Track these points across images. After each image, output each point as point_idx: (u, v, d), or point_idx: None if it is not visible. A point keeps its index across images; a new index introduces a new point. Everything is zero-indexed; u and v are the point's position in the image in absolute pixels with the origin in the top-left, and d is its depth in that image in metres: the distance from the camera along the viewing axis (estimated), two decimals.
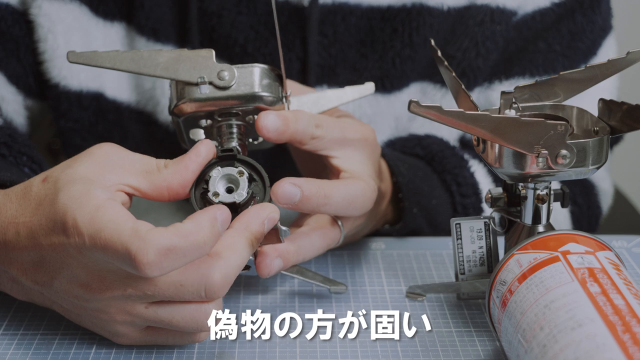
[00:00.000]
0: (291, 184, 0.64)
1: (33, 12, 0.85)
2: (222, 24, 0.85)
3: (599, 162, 0.61)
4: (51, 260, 0.60)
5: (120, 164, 0.61)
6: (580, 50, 0.90)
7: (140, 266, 0.55)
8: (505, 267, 0.60)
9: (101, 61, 0.67)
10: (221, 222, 0.58)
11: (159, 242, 0.55)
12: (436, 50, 0.68)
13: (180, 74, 0.66)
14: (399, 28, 0.86)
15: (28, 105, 0.89)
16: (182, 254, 0.56)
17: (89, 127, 0.89)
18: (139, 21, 0.86)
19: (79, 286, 0.60)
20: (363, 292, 0.72)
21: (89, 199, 0.57)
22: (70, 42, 0.86)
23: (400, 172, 0.80)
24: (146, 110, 0.89)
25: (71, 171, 0.60)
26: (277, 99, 0.67)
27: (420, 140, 0.88)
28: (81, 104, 0.88)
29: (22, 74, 0.87)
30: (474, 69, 0.88)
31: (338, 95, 0.71)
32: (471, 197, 0.84)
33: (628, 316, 0.52)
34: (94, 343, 0.64)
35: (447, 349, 0.64)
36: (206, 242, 0.56)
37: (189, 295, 0.58)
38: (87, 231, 0.56)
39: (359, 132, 0.71)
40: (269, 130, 0.65)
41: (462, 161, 0.86)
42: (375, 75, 0.88)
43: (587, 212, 0.93)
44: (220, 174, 0.63)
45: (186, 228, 0.56)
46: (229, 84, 0.66)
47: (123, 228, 0.56)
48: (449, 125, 0.59)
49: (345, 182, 0.68)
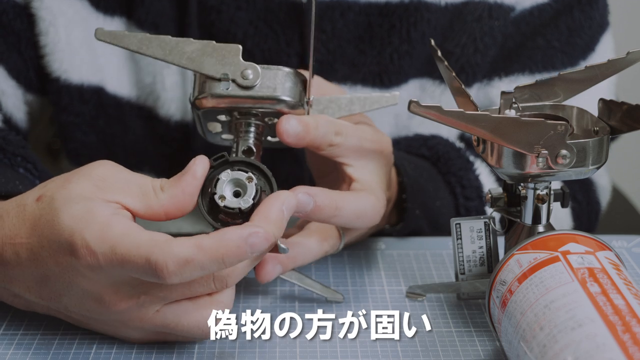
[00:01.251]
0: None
1: (35, 5, 0.85)
2: (221, 19, 0.85)
3: (599, 162, 0.61)
4: (58, 279, 0.60)
5: (116, 186, 0.60)
6: (578, 46, 0.90)
7: (162, 275, 0.55)
8: (505, 267, 0.60)
9: (128, 42, 0.66)
10: (251, 245, 0.56)
11: (178, 253, 0.55)
12: (436, 50, 0.68)
13: (204, 67, 0.65)
14: (397, 24, 0.86)
15: (28, 100, 0.89)
16: (200, 266, 0.56)
17: (89, 121, 0.89)
18: (139, 16, 0.86)
19: (91, 301, 0.60)
20: (363, 292, 0.72)
21: (94, 216, 0.57)
22: (71, 36, 0.86)
23: (407, 172, 0.80)
24: (146, 105, 0.89)
25: (66, 192, 0.59)
26: (299, 103, 0.67)
27: (426, 141, 0.88)
28: (82, 98, 0.88)
29: (23, 67, 0.87)
30: (473, 65, 0.88)
31: (363, 102, 0.71)
32: (475, 200, 0.84)
33: (628, 316, 0.52)
34: (94, 343, 0.64)
35: (447, 349, 0.64)
36: (225, 259, 0.56)
37: (201, 288, 0.59)
38: (100, 249, 0.56)
39: (377, 143, 0.70)
40: (289, 135, 0.65)
41: (467, 163, 0.86)
42: (373, 71, 0.88)
43: (587, 208, 0.93)
44: (229, 177, 0.62)
45: (207, 243, 0.56)
46: (252, 84, 0.65)
47: (140, 240, 0.56)
48: (449, 125, 0.59)
49: (358, 195, 0.68)
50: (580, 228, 0.92)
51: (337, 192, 0.67)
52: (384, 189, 0.71)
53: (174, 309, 0.60)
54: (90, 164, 0.62)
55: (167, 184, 0.61)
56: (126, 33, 0.66)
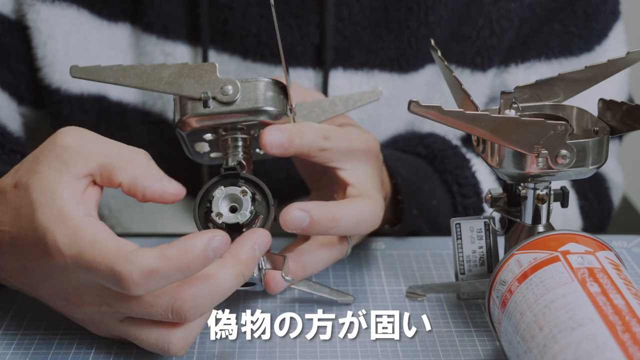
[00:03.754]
0: (300, 210, 0.64)
1: (31, 18, 0.85)
2: (234, 16, 0.85)
3: (599, 162, 0.61)
4: (35, 271, 0.60)
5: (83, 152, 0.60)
6: (595, 30, 0.90)
7: (126, 285, 0.55)
8: (505, 267, 0.60)
9: (104, 76, 0.66)
10: (213, 249, 0.56)
11: (143, 264, 0.55)
12: (436, 50, 0.68)
13: (184, 88, 0.65)
14: (414, 7, 0.86)
15: (22, 112, 0.89)
16: (165, 276, 0.56)
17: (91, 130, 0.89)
18: (148, 19, 0.86)
19: (59, 298, 0.61)
20: (363, 292, 0.72)
21: (67, 218, 0.57)
22: (69, 47, 0.86)
23: (400, 173, 0.80)
24: (154, 110, 0.89)
25: (39, 176, 0.59)
26: (282, 112, 0.67)
27: (422, 139, 0.88)
28: (83, 107, 0.88)
29: (13, 82, 0.87)
30: (489, 48, 0.88)
31: (346, 102, 0.71)
32: (472, 197, 0.84)
33: (628, 316, 0.52)
34: (94, 343, 0.64)
35: (447, 349, 0.64)
36: (191, 267, 0.56)
37: (159, 316, 0.58)
38: (68, 252, 0.57)
39: (365, 143, 0.70)
40: (273, 147, 0.65)
41: (463, 161, 0.86)
42: (391, 56, 0.87)
43: (598, 207, 0.92)
44: (223, 193, 0.63)
45: (170, 252, 0.56)
46: (233, 99, 0.65)
47: (106, 248, 0.56)
48: (449, 125, 0.59)
49: (354, 203, 0.68)
50: (590, 227, 0.92)
51: (333, 203, 0.66)
52: (378, 189, 0.71)
53: (135, 322, 0.60)
54: (56, 133, 0.61)
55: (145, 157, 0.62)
56: (101, 67, 0.66)
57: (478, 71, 0.89)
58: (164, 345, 0.60)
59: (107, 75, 0.66)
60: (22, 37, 0.86)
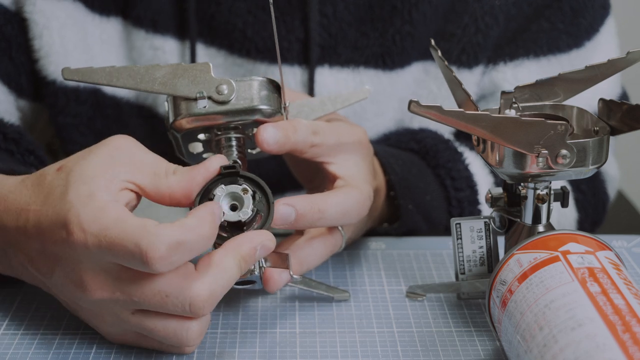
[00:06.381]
0: (284, 205, 0.65)
1: (27, 10, 0.85)
2: (220, 10, 0.86)
3: (599, 162, 0.61)
4: (51, 253, 0.60)
5: (132, 160, 0.62)
6: (582, 26, 0.90)
7: (151, 261, 0.55)
8: (505, 267, 0.60)
9: (97, 77, 0.66)
10: (218, 217, 0.59)
11: (169, 236, 0.56)
12: (437, 50, 0.68)
13: (178, 89, 0.66)
14: (398, 5, 0.87)
15: (20, 106, 0.89)
16: (190, 247, 0.57)
17: (87, 122, 0.90)
18: (137, 14, 0.86)
19: (71, 284, 0.60)
20: (363, 292, 0.72)
21: (94, 199, 0.58)
22: (65, 39, 0.86)
23: (393, 169, 0.80)
24: (146, 104, 0.90)
25: (85, 163, 0.60)
26: (276, 110, 0.67)
27: (414, 135, 0.88)
28: (78, 100, 0.88)
29: (14, 73, 0.87)
30: (474, 45, 0.88)
31: (334, 101, 0.71)
32: (465, 190, 0.84)
33: (628, 316, 0.52)
34: (94, 343, 0.64)
35: (447, 349, 0.64)
36: (209, 236, 0.58)
37: (173, 308, 0.58)
38: (90, 229, 0.57)
39: (354, 136, 0.71)
40: (269, 144, 0.66)
41: (455, 154, 0.86)
42: (376, 53, 0.88)
43: (593, 199, 0.92)
44: (224, 192, 0.63)
45: (191, 223, 0.57)
46: (229, 98, 0.66)
47: (131, 225, 0.56)
48: (449, 125, 0.59)
49: (338, 193, 0.68)
50: (586, 220, 0.92)
51: (318, 195, 0.67)
52: (368, 179, 0.71)
53: (150, 314, 0.60)
54: (114, 136, 0.63)
55: (179, 169, 0.62)
56: (93, 68, 0.66)
57: (464, 69, 0.90)
58: (182, 334, 0.60)
59: (100, 76, 0.66)
60: (22, 29, 0.86)
